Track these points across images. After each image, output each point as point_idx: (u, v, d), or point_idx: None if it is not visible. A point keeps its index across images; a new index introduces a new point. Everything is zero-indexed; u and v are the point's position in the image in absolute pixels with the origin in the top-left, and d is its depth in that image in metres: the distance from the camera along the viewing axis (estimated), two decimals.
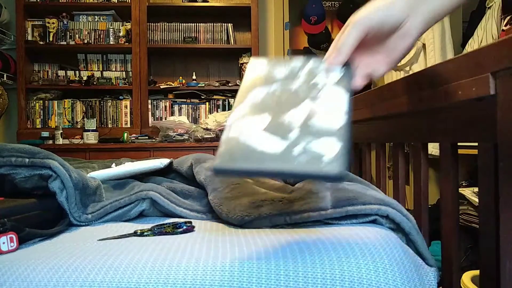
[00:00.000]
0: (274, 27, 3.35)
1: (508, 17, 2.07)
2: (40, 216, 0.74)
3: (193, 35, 3.12)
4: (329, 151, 0.42)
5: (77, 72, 3.10)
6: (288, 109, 0.48)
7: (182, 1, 3.06)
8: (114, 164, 1.33)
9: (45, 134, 2.86)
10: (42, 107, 3.04)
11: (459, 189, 1.67)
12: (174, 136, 2.75)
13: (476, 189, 1.96)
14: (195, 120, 3.15)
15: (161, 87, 3.03)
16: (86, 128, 2.85)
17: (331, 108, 0.47)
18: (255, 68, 0.55)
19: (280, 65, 0.54)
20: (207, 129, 2.78)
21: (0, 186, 0.79)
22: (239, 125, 0.47)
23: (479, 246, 0.61)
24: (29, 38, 3.00)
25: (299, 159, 0.42)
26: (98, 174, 1.02)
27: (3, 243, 0.60)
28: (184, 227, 0.73)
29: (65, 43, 3.03)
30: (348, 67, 0.53)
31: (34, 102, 3.03)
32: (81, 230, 0.77)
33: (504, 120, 0.52)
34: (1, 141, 3.07)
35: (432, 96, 0.68)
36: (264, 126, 0.46)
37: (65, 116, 3.07)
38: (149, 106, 3.10)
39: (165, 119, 3.05)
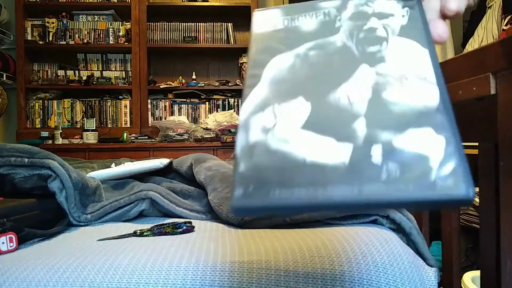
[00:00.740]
0: None
1: (509, 17, 2.07)
2: (39, 216, 0.74)
3: (193, 35, 3.12)
4: (433, 153, 0.24)
5: (76, 72, 3.09)
6: (336, 85, 0.29)
7: (182, 1, 3.05)
8: (113, 164, 1.33)
9: (45, 134, 2.86)
10: (41, 107, 3.04)
11: None
12: (174, 136, 2.74)
13: (477, 189, 1.96)
14: (195, 120, 3.14)
15: (161, 87, 3.03)
16: (85, 128, 2.84)
17: (407, 75, 0.29)
18: (264, 24, 0.35)
19: (303, 12, 0.35)
20: (207, 129, 2.78)
21: (0, 186, 0.79)
22: (262, 120, 0.28)
23: (480, 246, 0.61)
24: (29, 37, 3.00)
25: (384, 174, 0.24)
26: (98, 174, 1.02)
27: (3, 243, 0.60)
28: (184, 227, 0.73)
29: (64, 42, 3.03)
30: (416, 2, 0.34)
31: (34, 102, 3.03)
32: (81, 230, 0.77)
33: (505, 119, 0.51)
34: (1, 141, 3.06)
35: None
36: (304, 119, 0.28)
37: (65, 116, 3.07)
38: (149, 106, 3.09)
39: (165, 119, 3.05)
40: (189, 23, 3.12)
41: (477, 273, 1.32)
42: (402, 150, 0.25)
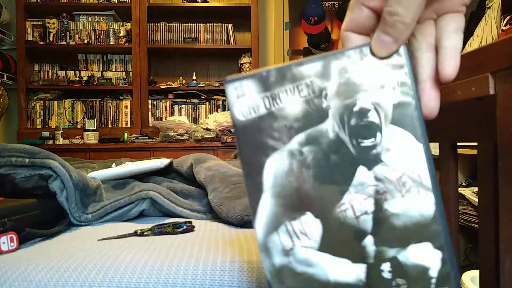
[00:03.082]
0: (274, 27, 3.35)
1: (508, 17, 2.07)
2: (40, 216, 0.74)
3: (193, 35, 3.12)
4: (432, 265, 0.29)
5: (77, 72, 3.10)
6: (339, 196, 0.29)
7: (182, 1, 3.06)
8: (114, 164, 1.33)
9: (46, 134, 2.86)
10: (42, 107, 3.04)
11: (459, 189, 1.68)
12: (174, 136, 2.75)
13: (476, 189, 1.96)
14: (195, 120, 3.15)
15: (161, 87, 3.03)
16: (86, 128, 2.85)
17: (404, 179, 0.29)
18: (243, 106, 0.30)
19: (283, 85, 0.30)
20: (207, 129, 2.78)
21: (1, 186, 0.79)
22: (279, 242, 0.30)
23: (479, 246, 0.61)
24: (29, 38, 3.00)
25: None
26: (98, 174, 1.02)
27: (3, 243, 0.60)
28: (184, 227, 0.73)
29: (65, 43, 3.03)
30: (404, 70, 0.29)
31: (35, 102, 3.03)
32: (81, 230, 0.77)
33: (504, 120, 0.52)
34: (1, 141, 3.07)
35: None
36: (318, 239, 0.30)
37: (65, 116, 3.07)
38: (149, 106, 3.10)
39: (165, 119, 3.05)
40: (189, 24, 3.13)
41: (476, 273, 1.32)
42: (406, 265, 0.29)
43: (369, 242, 0.29)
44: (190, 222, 0.75)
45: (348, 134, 0.29)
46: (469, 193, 1.99)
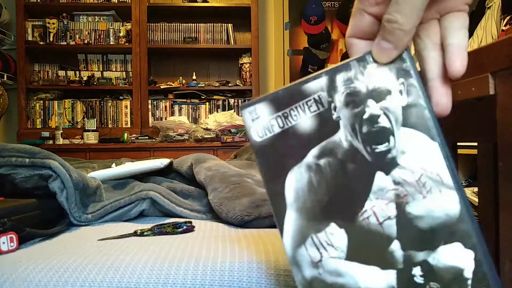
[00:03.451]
0: (274, 27, 3.35)
1: (508, 17, 2.07)
2: (40, 216, 0.74)
3: (193, 35, 3.12)
4: (465, 265, 0.27)
5: (77, 72, 3.10)
6: (360, 204, 0.30)
7: (182, 1, 3.06)
8: (114, 164, 1.33)
9: (46, 134, 2.86)
10: (42, 107, 3.04)
11: None
12: (174, 136, 2.75)
13: (476, 189, 1.96)
14: (195, 120, 3.15)
15: (161, 87, 3.03)
16: (86, 128, 2.85)
17: (423, 180, 0.28)
18: (259, 128, 0.32)
19: (292, 103, 0.31)
20: (207, 129, 2.78)
21: (0, 186, 0.79)
22: (307, 255, 0.30)
23: None
24: (29, 38, 3.00)
25: None
26: (98, 174, 1.02)
27: (3, 243, 0.60)
28: (184, 227, 0.73)
29: (65, 43, 3.03)
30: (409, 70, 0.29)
31: (35, 102, 3.03)
32: (81, 230, 0.77)
33: (504, 120, 0.52)
34: (1, 141, 3.07)
35: None
36: (344, 249, 0.30)
37: (65, 116, 3.07)
38: (149, 106, 3.10)
39: (165, 119, 3.05)
40: (189, 24, 3.13)
41: None
42: (438, 268, 0.28)
43: (396, 247, 0.29)
44: (190, 222, 0.75)
45: (362, 142, 0.30)
46: (469, 193, 1.99)
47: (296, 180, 0.31)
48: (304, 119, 0.31)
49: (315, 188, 0.30)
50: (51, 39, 3.02)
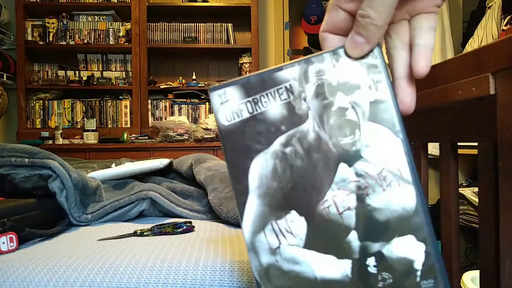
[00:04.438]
0: (274, 27, 3.35)
1: (508, 17, 2.07)
2: (40, 216, 0.74)
3: (193, 35, 3.12)
4: (416, 257, 0.29)
5: (77, 72, 3.09)
6: (322, 193, 0.30)
7: (182, 1, 3.05)
8: (114, 164, 1.33)
9: (45, 134, 2.86)
10: (42, 107, 3.04)
11: (459, 189, 1.68)
12: (174, 136, 2.75)
13: (476, 189, 1.96)
14: (195, 120, 3.15)
15: (161, 87, 3.03)
16: (86, 128, 2.85)
17: (384, 173, 0.30)
18: (227, 111, 0.31)
19: (263, 90, 0.31)
20: (207, 129, 2.78)
21: (0, 186, 0.79)
22: (266, 241, 0.30)
23: (479, 246, 0.61)
24: (29, 38, 3.00)
25: (380, 282, 0.29)
26: (98, 174, 1.02)
27: (3, 243, 0.60)
28: (184, 227, 0.73)
29: (65, 43, 3.03)
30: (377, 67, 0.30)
31: (34, 102, 3.03)
32: (81, 230, 0.77)
33: (504, 120, 0.52)
34: (1, 141, 3.07)
35: (432, 95, 0.68)
36: (303, 237, 0.30)
37: (65, 116, 3.07)
38: (149, 106, 3.09)
39: (165, 119, 3.05)
40: (189, 24, 3.13)
41: (476, 273, 1.32)
42: (391, 259, 0.29)
43: (353, 237, 0.30)
44: (190, 222, 0.75)
45: (328, 133, 0.30)
46: (469, 193, 1.99)
47: (261, 167, 0.31)
48: (274, 106, 0.31)
49: (279, 176, 0.31)
50: (50, 39, 3.02)
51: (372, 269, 0.29)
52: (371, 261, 0.29)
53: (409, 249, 0.29)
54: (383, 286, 0.29)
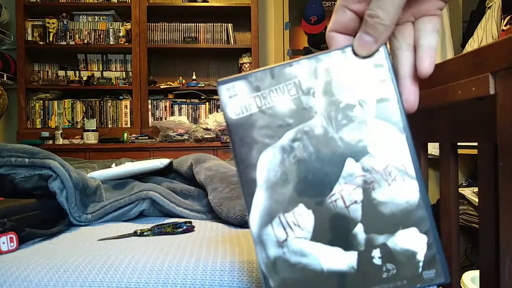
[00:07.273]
0: (274, 27, 3.35)
1: (508, 17, 2.07)
2: (40, 216, 0.74)
3: (193, 35, 3.12)
4: (418, 249, 0.30)
5: (77, 72, 3.09)
6: (329, 187, 0.31)
7: (182, 1, 3.05)
8: (114, 164, 1.33)
9: (45, 134, 2.86)
10: (42, 107, 3.04)
11: (459, 189, 1.68)
12: (174, 136, 2.75)
13: (476, 189, 1.96)
14: (195, 120, 3.15)
15: (161, 87, 3.03)
16: (86, 128, 2.85)
17: (389, 169, 0.31)
18: (235, 105, 0.32)
19: (272, 85, 0.32)
20: (207, 129, 2.78)
21: (0, 186, 0.79)
22: (273, 234, 0.31)
23: (479, 246, 0.61)
24: (29, 38, 3.00)
25: (385, 273, 0.30)
26: (98, 174, 1.02)
27: (3, 243, 0.60)
28: (184, 227, 0.73)
29: (65, 43, 3.03)
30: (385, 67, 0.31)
31: (34, 102, 3.03)
32: (81, 230, 0.77)
33: (504, 120, 0.52)
34: (1, 141, 3.07)
35: (432, 95, 0.68)
36: (310, 230, 0.31)
37: (65, 116, 3.07)
38: (149, 106, 3.09)
39: (165, 119, 3.05)
40: (189, 24, 3.13)
41: (476, 273, 1.32)
42: (395, 250, 0.30)
43: (359, 230, 0.31)
44: (190, 222, 0.75)
45: (336, 129, 0.31)
46: (469, 193, 1.99)
47: (269, 161, 0.31)
48: (283, 101, 0.32)
49: (287, 170, 0.31)
50: (50, 39, 3.02)
51: (377, 261, 0.30)
52: (376, 253, 0.30)
53: (413, 241, 0.30)
54: (387, 277, 0.30)
